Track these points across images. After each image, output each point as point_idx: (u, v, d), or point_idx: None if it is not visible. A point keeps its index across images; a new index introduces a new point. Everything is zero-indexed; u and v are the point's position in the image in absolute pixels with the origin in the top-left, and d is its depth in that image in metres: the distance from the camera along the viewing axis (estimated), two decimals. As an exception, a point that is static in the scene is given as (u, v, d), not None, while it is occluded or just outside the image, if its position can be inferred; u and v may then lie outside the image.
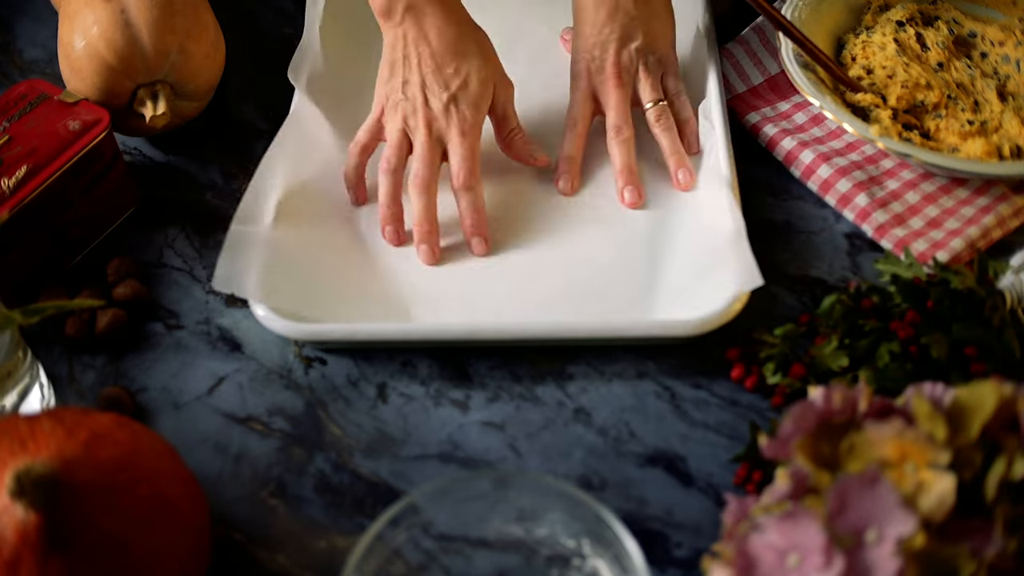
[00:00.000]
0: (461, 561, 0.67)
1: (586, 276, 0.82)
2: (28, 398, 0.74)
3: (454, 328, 0.77)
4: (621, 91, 0.88)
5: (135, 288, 0.82)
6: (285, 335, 0.77)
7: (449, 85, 0.84)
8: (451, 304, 0.81)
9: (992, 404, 0.58)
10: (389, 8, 0.84)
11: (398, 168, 0.84)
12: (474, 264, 0.84)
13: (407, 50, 0.84)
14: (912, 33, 0.91)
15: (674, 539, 0.69)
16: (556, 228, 0.86)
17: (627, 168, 0.87)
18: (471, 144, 0.84)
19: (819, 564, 0.54)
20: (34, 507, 0.57)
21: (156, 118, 0.88)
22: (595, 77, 0.89)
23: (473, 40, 0.86)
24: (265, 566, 0.69)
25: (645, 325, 0.77)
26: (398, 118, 0.84)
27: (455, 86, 0.84)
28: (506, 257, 0.84)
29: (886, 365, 0.72)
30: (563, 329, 0.77)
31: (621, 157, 0.87)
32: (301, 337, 0.77)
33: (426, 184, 0.83)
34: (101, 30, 0.86)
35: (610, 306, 0.80)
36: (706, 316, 0.75)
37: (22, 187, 0.79)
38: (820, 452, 0.59)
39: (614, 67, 0.88)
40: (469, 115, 0.84)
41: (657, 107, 0.88)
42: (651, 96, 0.88)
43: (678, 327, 0.76)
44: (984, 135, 0.85)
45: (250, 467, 0.74)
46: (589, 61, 0.89)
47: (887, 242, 0.82)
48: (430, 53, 0.84)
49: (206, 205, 0.89)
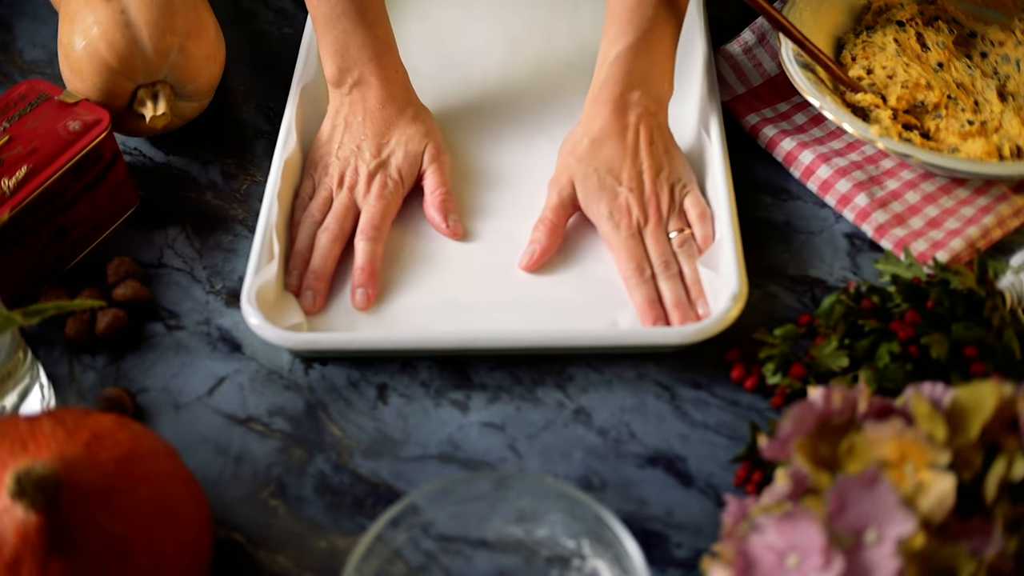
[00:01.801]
0: (461, 562, 0.67)
1: (584, 284, 0.82)
2: (28, 399, 0.74)
3: (450, 337, 0.77)
4: (661, 228, 0.83)
5: (135, 289, 0.82)
6: (279, 344, 0.77)
7: (380, 153, 0.87)
8: (450, 312, 0.81)
9: (992, 404, 0.58)
10: (340, 78, 0.88)
11: (317, 223, 0.85)
12: (474, 270, 0.83)
13: (349, 118, 0.88)
14: (912, 33, 0.91)
15: (674, 539, 0.69)
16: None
17: (682, 302, 0.80)
18: (385, 206, 0.85)
19: (819, 565, 0.54)
20: (35, 508, 0.57)
21: (156, 118, 0.88)
22: (633, 210, 0.83)
23: (413, 115, 0.89)
24: (265, 566, 0.69)
25: (642, 334, 0.77)
26: (329, 178, 0.87)
27: (385, 154, 0.87)
28: (505, 264, 0.84)
29: (886, 365, 0.72)
30: (558, 338, 0.77)
31: (674, 292, 0.80)
32: (294, 347, 0.77)
33: (332, 237, 0.83)
34: (101, 30, 0.86)
35: (607, 314, 0.80)
36: (702, 325, 0.75)
37: (22, 187, 0.79)
38: (820, 453, 0.59)
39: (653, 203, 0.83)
40: (391, 183, 0.86)
41: (680, 235, 0.83)
42: (677, 225, 0.83)
43: (675, 336, 0.75)
44: (984, 135, 0.85)
45: (250, 468, 0.74)
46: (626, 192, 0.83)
47: (887, 242, 0.82)
48: (370, 123, 0.88)
49: (206, 205, 0.89)
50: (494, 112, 0.95)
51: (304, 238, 0.84)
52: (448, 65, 0.99)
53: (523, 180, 0.89)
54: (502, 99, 0.96)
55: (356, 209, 0.85)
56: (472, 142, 0.93)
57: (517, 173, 0.90)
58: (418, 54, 0.98)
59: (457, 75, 0.98)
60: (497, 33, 1.00)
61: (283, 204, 0.84)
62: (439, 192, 0.86)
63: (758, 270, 0.83)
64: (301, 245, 0.84)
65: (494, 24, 1.01)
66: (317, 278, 0.82)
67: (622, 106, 0.85)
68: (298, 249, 0.84)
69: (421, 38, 1.01)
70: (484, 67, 0.98)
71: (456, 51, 1.00)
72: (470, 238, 0.86)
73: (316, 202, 0.86)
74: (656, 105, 0.86)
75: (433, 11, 1.04)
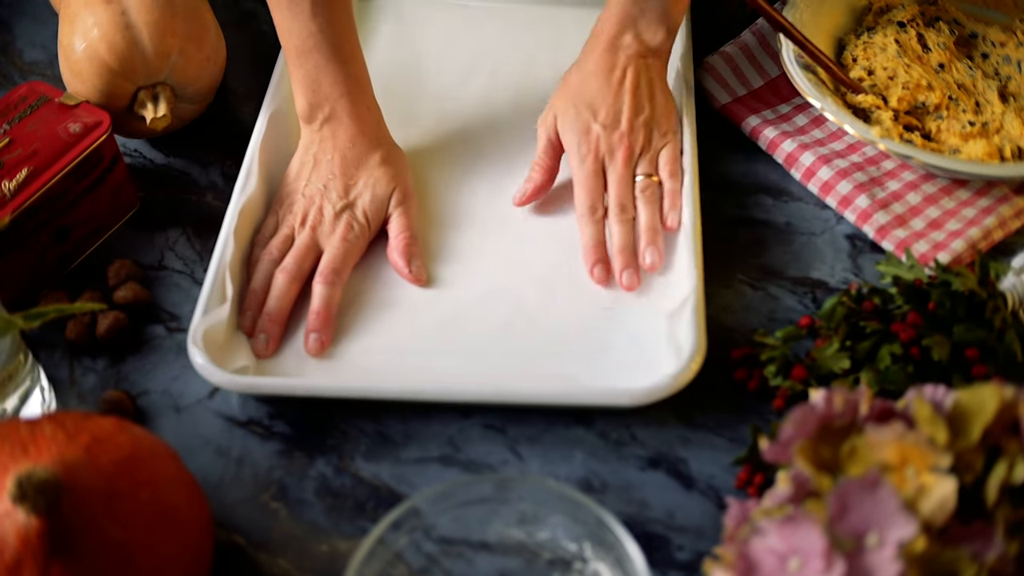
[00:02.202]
0: (463, 565, 0.67)
1: (542, 334, 0.79)
2: (29, 402, 0.74)
3: (395, 387, 0.74)
4: (628, 169, 0.84)
5: (136, 291, 0.82)
6: (224, 387, 0.74)
7: (347, 194, 0.84)
8: (405, 359, 0.78)
9: (993, 407, 0.58)
10: (311, 114, 0.86)
11: (276, 260, 0.82)
12: (433, 317, 0.80)
13: (318, 155, 0.85)
14: (913, 34, 0.91)
15: (675, 542, 0.69)
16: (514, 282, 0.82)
17: (627, 248, 0.81)
18: (347, 249, 0.82)
19: (820, 568, 0.54)
20: (36, 512, 0.57)
21: (157, 120, 0.88)
22: (601, 145, 0.84)
23: (383, 157, 0.86)
24: (266, 570, 0.69)
25: (588, 393, 0.74)
26: (294, 215, 0.84)
27: (352, 195, 0.84)
28: (465, 310, 0.81)
29: (887, 367, 0.72)
30: (503, 394, 0.74)
31: (623, 237, 0.82)
32: (239, 390, 0.74)
33: (290, 278, 0.80)
34: (102, 32, 0.86)
35: (567, 365, 0.77)
36: (652, 386, 0.72)
37: (23, 190, 0.79)
38: (821, 455, 0.59)
39: (626, 141, 0.84)
40: (356, 226, 0.83)
41: (647, 179, 0.84)
42: (645, 169, 0.85)
43: (623, 396, 0.72)
44: (985, 136, 0.85)
45: (251, 470, 0.74)
46: (599, 128, 0.85)
47: (888, 243, 0.82)
48: (339, 161, 0.85)
49: (207, 207, 0.89)
50: (466, 149, 0.92)
51: (260, 277, 0.81)
52: (423, 96, 0.96)
53: (489, 222, 0.86)
54: (475, 135, 0.93)
55: (317, 249, 0.82)
56: (440, 180, 0.90)
57: (484, 215, 0.87)
58: (393, 83, 0.95)
59: (432, 108, 0.95)
60: (476, 64, 0.97)
61: (240, 242, 0.82)
62: (403, 236, 0.84)
63: (759, 271, 0.83)
64: (257, 284, 0.81)
65: (474, 55, 0.99)
66: (272, 321, 0.79)
67: (613, 47, 0.86)
68: (254, 288, 0.81)
69: (397, 66, 0.98)
70: (459, 100, 0.96)
71: (432, 81, 0.97)
72: (433, 284, 0.83)
73: (277, 240, 0.83)
74: (647, 50, 0.86)
75: (410, 39, 1.01)
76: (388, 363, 0.78)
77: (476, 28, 1.02)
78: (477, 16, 1.03)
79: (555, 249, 0.84)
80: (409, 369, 0.77)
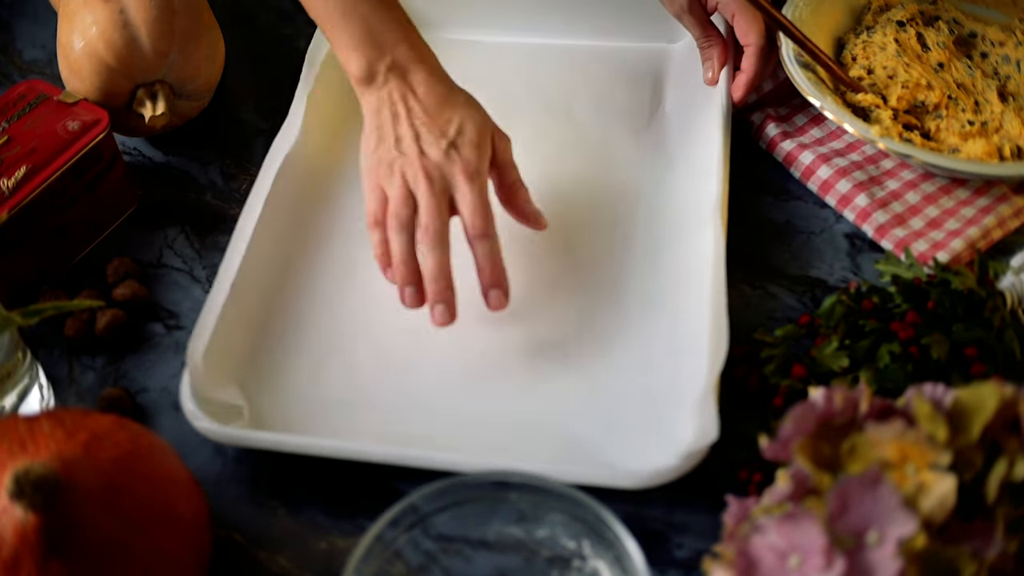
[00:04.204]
0: (461, 562, 0.67)
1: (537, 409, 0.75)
2: (27, 399, 0.74)
3: (379, 452, 0.71)
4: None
5: (135, 289, 0.82)
6: (208, 436, 0.71)
7: (446, 132, 0.77)
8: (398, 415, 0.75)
9: (993, 405, 0.58)
10: (371, 71, 0.79)
11: (407, 223, 0.76)
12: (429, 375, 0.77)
13: (395, 108, 0.78)
14: (913, 33, 0.91)
15: (675, 540, 0.69)
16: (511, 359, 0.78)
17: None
18: (480, 189, 0.76)
19: (820, 565, 0.54)
20: (33, 508, 0.57)
21: (155, 118, 0.88)
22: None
23: (462, 94, 0.80)
24: (265, 567, 0.69)
25: (592, 474, 0.69)
26: (397, 176, 0.76)
27: (452, 132, 0.77)
28: (449, 367, 0.77)
29: (887, 366, 0.72)
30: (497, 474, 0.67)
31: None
32: (225, 441, 0.71)
33: (439, 236, 0.75)
34: (100, 30, 0.85)
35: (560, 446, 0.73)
36: (657, 469, 0.68)
37: (22, 187, 0.79)
38: (821, 453, 0.59)
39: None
40: (473, 159, 0.76)
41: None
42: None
43: (627, 478, 0.68)
44: (985, 135, 0.85)
45: (250, 468, 0.73)
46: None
47: (887, 242, 0.82)
48: (421, 107, 0.78)
49: (206, 205, 0.89)
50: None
51: (401, 248, 0.75)
52: None
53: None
54: None
55: (446, 195, 0.76)
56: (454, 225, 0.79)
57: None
58: None
59: None
60: (493, 103, 0.83)
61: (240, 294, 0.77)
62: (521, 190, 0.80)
63: (758, 270, 0.83)
64: (402, 256, 0.75)
65: (491, 96, 0.84)
66: (445, 286, 0.75)
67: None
68: (403, 260, 0.75)
69: None
70: None
71: None
72: (435, 339, 0.77)
73: (397, 203, 0.76)
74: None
75: None
76: (386, 421, 0.75)
77: (492, 65, 0.97)
78: (491, 53, 0.99)
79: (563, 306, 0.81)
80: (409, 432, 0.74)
